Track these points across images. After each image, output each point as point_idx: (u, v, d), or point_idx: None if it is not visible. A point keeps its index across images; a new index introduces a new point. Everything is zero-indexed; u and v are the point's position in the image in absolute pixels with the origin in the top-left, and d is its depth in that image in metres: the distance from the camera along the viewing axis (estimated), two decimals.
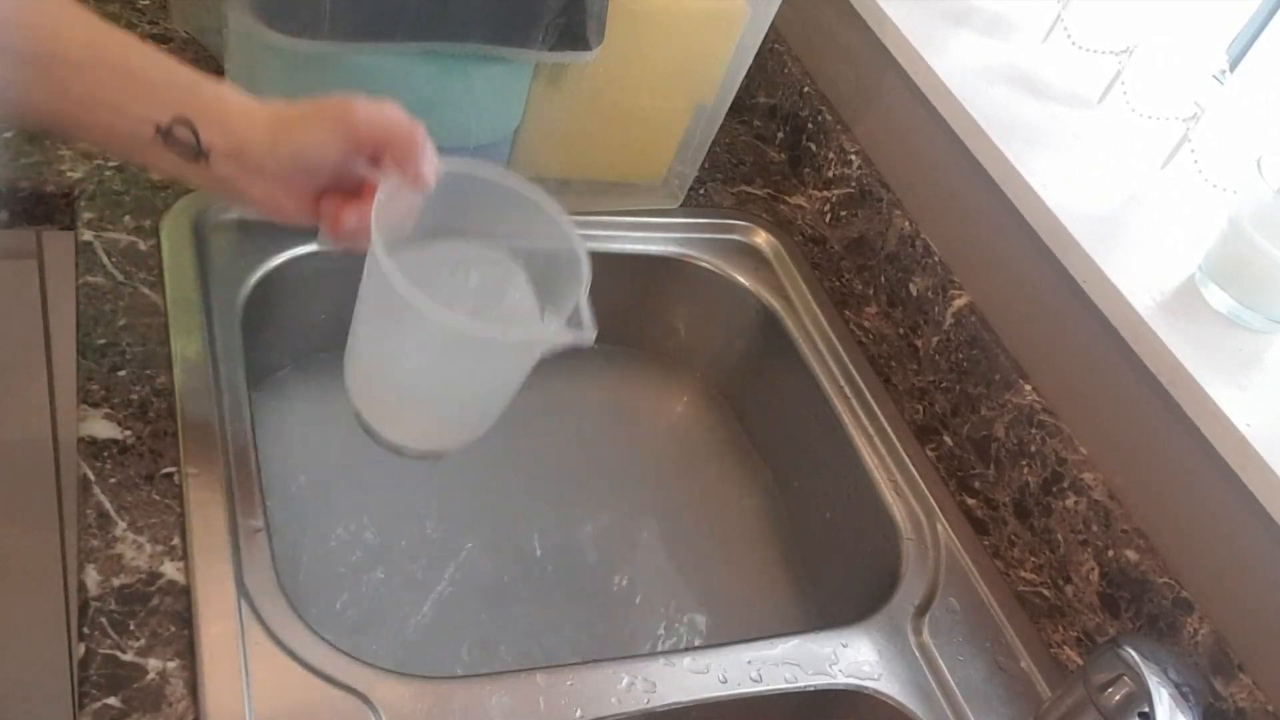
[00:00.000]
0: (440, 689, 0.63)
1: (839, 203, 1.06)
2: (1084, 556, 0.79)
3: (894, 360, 0.96)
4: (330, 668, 0.61)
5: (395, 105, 0.63)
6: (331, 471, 0.87)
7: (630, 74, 0.88)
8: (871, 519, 0.85)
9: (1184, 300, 0.78)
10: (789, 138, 1.13)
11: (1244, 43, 0.94)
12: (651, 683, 0.67)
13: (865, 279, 1.02)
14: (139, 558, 0.63)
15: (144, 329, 0.75)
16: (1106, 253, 0.79)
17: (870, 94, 1.04)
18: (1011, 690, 0.75)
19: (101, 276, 0.77)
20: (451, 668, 0.80)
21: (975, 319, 0.90)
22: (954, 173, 0.94)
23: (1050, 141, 0.89)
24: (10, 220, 0.82)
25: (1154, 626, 0.75)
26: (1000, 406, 0.87)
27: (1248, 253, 0.77)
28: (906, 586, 0.78)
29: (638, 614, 0.87)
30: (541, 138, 0.90)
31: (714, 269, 0.99)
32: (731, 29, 0.89)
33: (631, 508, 0.94)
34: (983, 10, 1.03)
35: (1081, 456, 0.80)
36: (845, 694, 0.71)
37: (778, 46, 1.15)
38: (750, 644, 0.71)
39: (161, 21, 0.98)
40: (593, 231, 0.96)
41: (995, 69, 0.95)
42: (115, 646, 0.59)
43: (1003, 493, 0.86)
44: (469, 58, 0.79)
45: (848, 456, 0.88)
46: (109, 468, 0.67)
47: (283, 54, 0.76)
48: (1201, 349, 0.74)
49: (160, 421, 0.70)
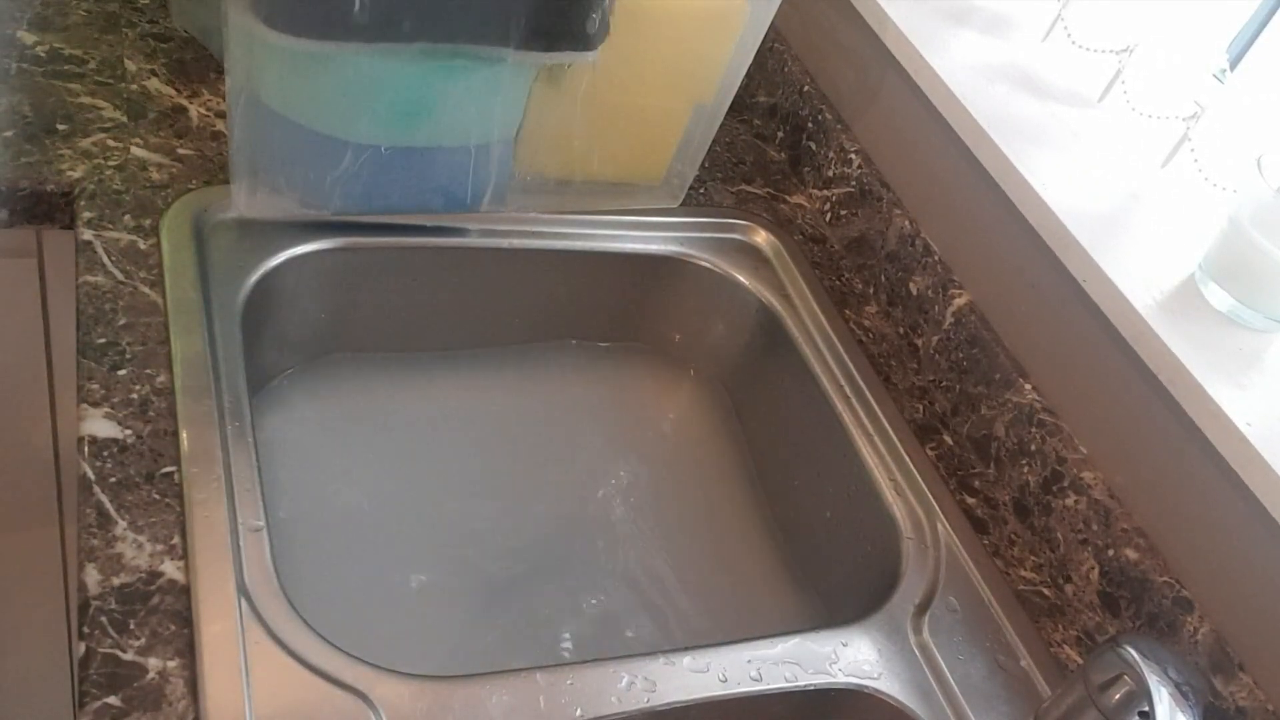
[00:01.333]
0: (440, 688, 0.63)
1: (839, 202, 1.06)
2: (1084, 555, 0.79)
3: (894, 359, 0.96)
4: (330, 667, 0.61)
5: None
6: (331, 470, 0.87)
7: (630, 73, 0.88)
8: (871, 518, 0.85)
9: (1184, 299, 0.78)
10: (789, 137, 1.13)
11: (1244, 42, 0.94)
12: (651, 682, 0.67)
13: (865, 278, 1.02)
14: (139, 557, 0.63)
15: (144, 328, 0.75)
16: (1106, 252, 0.79)
17: (870, 93, 1.04)
18: (1011, 689, 0.75)
19: (101, 276, 0.77)
20: (452, 666, 0.80)
21: (975, 318, 0.90)
22: (954, 172, 0.94)
23: (1050, 141, 0.89)
24: (10, 219, 0.82)
25: (1154, 625, 0.75)
26: (1000, 405, 0.87)
27: (1248, 252, 0.77)
28: (906, 585, 0.78)
29: (637, 613, 0.87)
30: (542, 137, 0.90)
31: (714, 268, 0.99)
32: (731, 28, 0.89)
33: (630, 506, 0.95)
34: (983, 9, 1.03)
35: (1081, 455, 0.80)
36: (845, 693, 0.71)
37: (778, 46, 1.15)
38: (750, 643, 0.71)
39: (161, 21, 0.98)
40: (593, 231, 0.96)
41: (995, 68, 0.95)
42: (115, 646, 0.59)
43: (1003, 492, 0.86)
44: (469, 58, 0.79)
45: (848, 456, 0.88)
46: (109, 467, 0.67)
47: (283, 54, 0.76)
48: (1202, 348, 0.74)
49: (160, 421, 0.70)
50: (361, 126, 0.81)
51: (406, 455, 0.85)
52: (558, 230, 0.94)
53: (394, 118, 0.81)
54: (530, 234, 0.93)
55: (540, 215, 0.94)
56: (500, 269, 0.94)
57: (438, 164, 0.86)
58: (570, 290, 0.98)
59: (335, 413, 0.90)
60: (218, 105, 0.93)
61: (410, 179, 0.86)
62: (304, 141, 0.81)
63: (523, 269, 0.94)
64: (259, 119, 0.80)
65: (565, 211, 0.96)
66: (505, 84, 0.84)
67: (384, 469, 0.88)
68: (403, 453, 0.86)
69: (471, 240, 0.91)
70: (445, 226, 0.90)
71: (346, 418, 0.90)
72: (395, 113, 0.81)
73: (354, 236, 0.87)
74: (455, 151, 0.86)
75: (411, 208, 0.89)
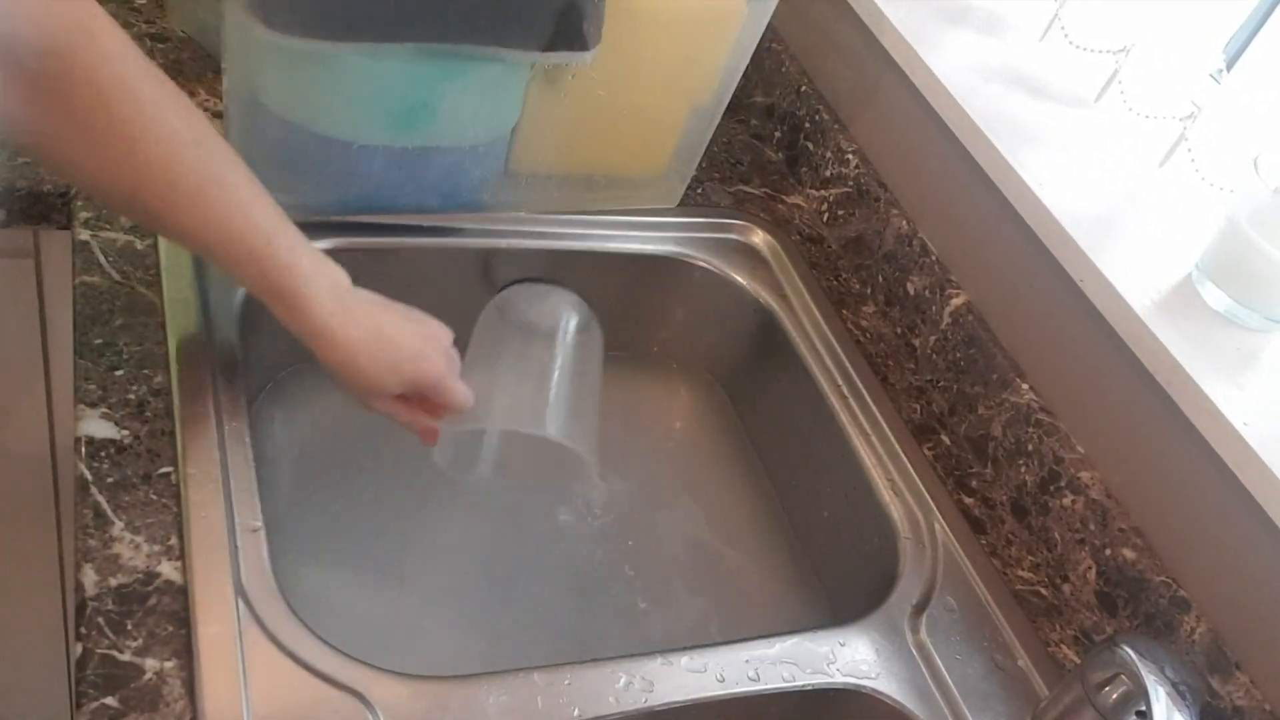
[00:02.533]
0: (438, 688, 0.63)
1: (836, 202, 1.06)
2: (1081, 555, 0.79)
3: (891, 359, 0.96)
4: (328, 667, 0.61)
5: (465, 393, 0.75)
6: (328, 470, 0.87)
7: (628, 73, 0.88)
8: (869, 518, 0.85)
9: (1181, 299, 0.78)
10: (786, 137, 1.13)
11: (1241, 42, 0.94)
12: (649, 682, 0.67)
13: (863, 278, 1.02)
14: (136, 557, 0.63)
15: (141, 328, 0.74)
16: (1103, 252, 0.79)
17: (868, 93, 1.04)
18: (1009, 689, 0.75)
19: (98, 276, 0.77)
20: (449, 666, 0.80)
21: (972, 318, 0.90)
22: (951, 172, 0.94)
23: (1047, 140, 0.89)
24: (7, 220, 0.82)
25: (1151, 625, 0.75)
26: (997, 405, 0.87)
27: (1245, 251, 0.77)
28: (904, 585, 0.79)
29: (634, 613, 0.87)
30: (539, 137, 0.90)
31: (712, 268, 0.99)
32: (729, 28, 0.89)
33: (627, 506, 0.94)
34: (980, 9, 1.03)
35: (1079, 455, 0.80)
36: (843, 693, 0.71)
37: (775, 46, 1.15)
38: (748, 643, 0.71)
39: (159, 21, 0.98)
40: (590, 231, 0.96)
41: (992, 68, 0.95)
42: (112, 646, 0.59)
43: (1000, 492, 0.86)
44: (466, 57, 0.79)
45: (845, 456, 0.88)
46: (106, 467, 0.67)
47: (280, 53, 0.76)
48: (1199, 348, 0.74)
49: (157, 421, 0.70)
50: (358, 126, 0.81)
51: (403, 456, 0.85)
52: (555, 230, 0.94)
53: (391, 118, 0.81)
54: (527, 234, 0.93)
55: (537, 215, 0.94)
56: (497, 269, 0.93)
57: (435, 164, 0.86)
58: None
59: (332, 413, 0.90)
60: (215, 105, 0.93)
61: (406, 179, 0.86)
62: (301, 141, 0.81)
63: (519, 269, 0.94)
64: (256, 119, 0.80)
65: (562, 211, 0.96)
66: (502, 84, 0.84)
67: (381, 469, 0.88)
68: (399, 453, 0.86)
69: (469, 240, 0.91)
70: (442, 226, 0.90)
71: (343, 418, 0.90)
72: (392, 113, 0.80)
73: (351, 236, 0.87)
74: (452, 151, 0.86)
75: (408, 207, 0.89)
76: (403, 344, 0.71)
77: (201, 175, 0.63)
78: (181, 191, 0.62)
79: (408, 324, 0.73)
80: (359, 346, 0.69)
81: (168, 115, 0.61)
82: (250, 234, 0.65)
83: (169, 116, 0.61)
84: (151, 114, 0.60)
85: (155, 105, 0.61)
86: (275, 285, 0.67)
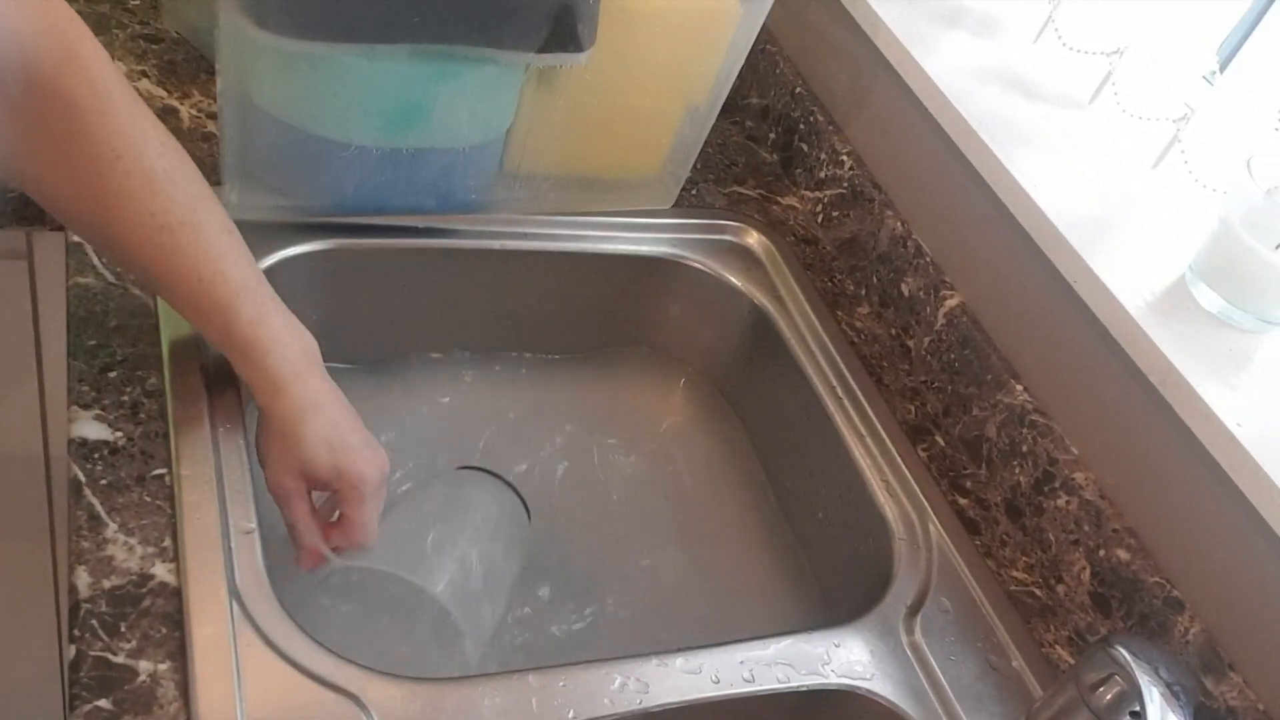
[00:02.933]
0: (432, 690, 0.63)
1: (831, 203, 1.06)
2: (1075, 556, 0.79)
3: (886, 360, 0.96)
4: (322, 669, 0.61)
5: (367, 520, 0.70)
6: None
7: (622, 74, 0.88)
8: (864, 519, 0.85)
9: (1174, 300, 0.79)
10: (781, 138, 1.13)
11: (1234, 44, 0.95)
12: (644, 683, 0.67)
13: (857, 279, 1.02)
14: (130, 559, 0.63)
15: (135, 330, 0.74)
16: (1097, 253, 0.80)
17: (862, 95, 1.04)
18: (1003, 690, 0.75)
19: (92, 277, 0.77)
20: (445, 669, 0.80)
21: (967, 319, 0.90)
22: (945, 173, 0.94)
23: (1041, 142, 0.89)
24: (0, 221, 0.82)
25: (1145, 626, 0.75)
26: (992, 406, 0.87)
27: (1238, 253, 0.77)
28: (899, 586, 0.79)
29: (630, 615, 0.87)
30: (534, 138, 0.90)
31: (706, 269, 0.99)
32: (723, 30, 0.89)
33: (623, 507, 0.94)
34: (974, 11, 1.04)
35: (1073, 456, 0.81)
36: (838, 694, 0.71)
37: (770, 47, 1.15)
38: (743, 644, 0.71)
39: (152, 22, 0.98)
40: (585, 232, 0.96)
41: (986, 70, 0.95)
42: (106, 649, 0.59)
43: (994, 492, 0.86)
44: (461, 59, 0.79)
45: (840, 457, 0.88)
46: (100, 469, 0.66)
47: (274, 54, 0.75)
48: (1192, 349, 0.74)
49: (151, 423, 0.70)
50: (352, 127, 0.81)
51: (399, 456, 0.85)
52: (549, 231, 0.94)
53: (385, 118, 0.81)
54: (522, 235, 0.93)
55: (532, 216, 0.94)
56: (492, 270, 0.93)
57: (429, 165, 0.86)
58: (562, 291, 0.98)
59: None
60: (209, 106, 0.92)
61: (401, 180, 0.86)
62: (295, 142, 0.80)
63: (514, 270, 0.94)
64: (250, 120, 0.80)
65: (557, 212, 0.96)
66: (497, 85, 0.84)
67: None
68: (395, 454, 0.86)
69: (463, 241, 0.91)
70: (437, 228, 0.90)
71: None
72: (386, 113, 0.80)
73: (346, 238, 0.86)
74: (447, 153, 0.86)
75: (403, 209, 0.89)
76: (347, 433, 0.68)
77: (174, 215, 0.62)
78: (152, 228, 0.61)
79: (361, 428, 0.70)
80: (307, 409, 0.66)
81: (145, 149, 0.60)
82: (219, 283, 0.63)
83: (146, 151, 0.60)
84: (129, 145, 0.59)
85: (134, 137, 0.59)
86: (240, 338, 0.65)
